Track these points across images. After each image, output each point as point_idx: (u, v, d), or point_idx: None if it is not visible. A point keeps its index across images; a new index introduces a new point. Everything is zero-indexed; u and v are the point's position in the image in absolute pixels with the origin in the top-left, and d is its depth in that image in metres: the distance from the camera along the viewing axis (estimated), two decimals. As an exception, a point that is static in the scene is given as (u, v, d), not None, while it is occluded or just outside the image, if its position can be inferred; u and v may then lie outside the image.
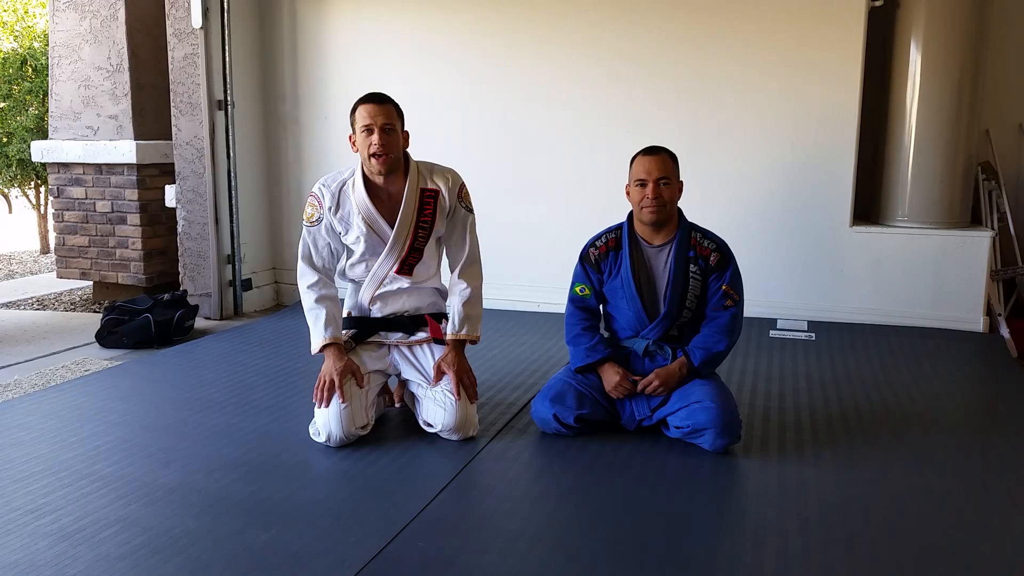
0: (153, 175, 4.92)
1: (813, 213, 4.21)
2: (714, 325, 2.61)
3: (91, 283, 5.34)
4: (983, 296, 4.03)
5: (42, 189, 7.49)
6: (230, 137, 4.55)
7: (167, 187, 4.73)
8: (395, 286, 2.76)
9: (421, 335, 2.79)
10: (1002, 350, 3.78)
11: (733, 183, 4.29)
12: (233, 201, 4.60)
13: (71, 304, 5.22)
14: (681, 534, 2.05)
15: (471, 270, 2.78)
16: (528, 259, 4.58)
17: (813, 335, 3.96)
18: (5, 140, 7.05)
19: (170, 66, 4.54)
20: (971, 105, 4.11)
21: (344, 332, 2.76)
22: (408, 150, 2.73)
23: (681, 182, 2.65)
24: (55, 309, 5.09)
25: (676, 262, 2.60)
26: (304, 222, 2.75)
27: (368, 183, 2.68)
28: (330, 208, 2.68)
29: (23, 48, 7.13)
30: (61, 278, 5.27)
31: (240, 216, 4.63)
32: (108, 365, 3.64)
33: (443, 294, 2.88)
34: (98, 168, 4.96)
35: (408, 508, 2.17)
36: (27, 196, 7.79)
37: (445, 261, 2.85)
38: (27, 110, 7.02)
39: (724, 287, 2.60)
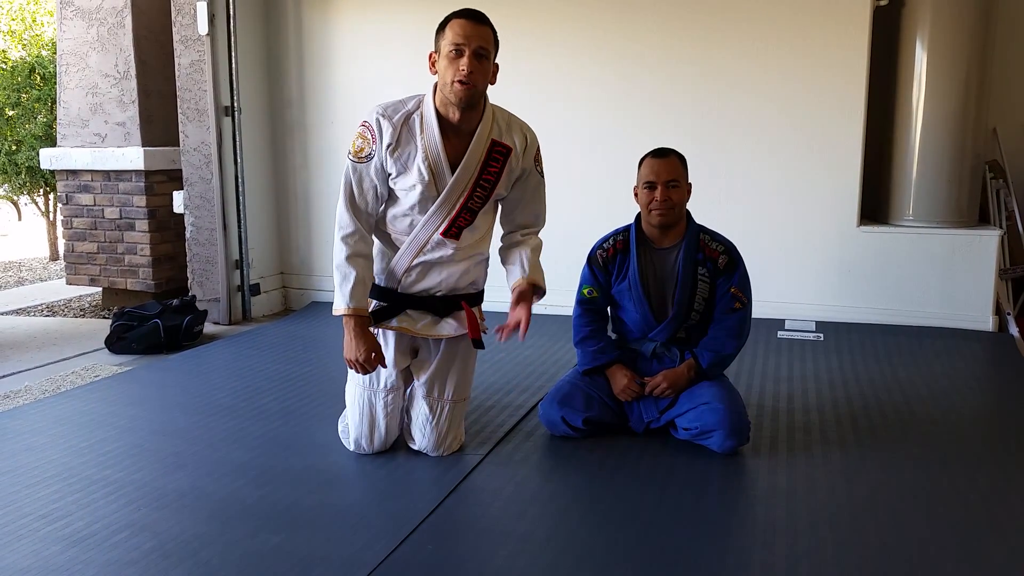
0: (161, 181, 4.94)
1: (820, 213, 4.20)
2: (722, 327, 2.61)
3: (100, 289, 5.37)
4: (992, 295, 4.01)
5: (51, 196, 7.53)
6: (237, 143, 4.57)
7: (175, 193, 4.75)
8: (438, 253, 2.38)
9: (450, 327, 2.46)
10: (1011, 349, 3.77)
11: (739, 183, 4.28)
12: (241, 206, 4.61)
13: (80, 310, 5.24)
14: (690, 535, 2.04)
15: (535, 234, 2.54)
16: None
17: (821, 336, 3.95)
18: (14, 148, 7.10)
19: (177, 73, 4.56)
20: (978, 104, 4.10)
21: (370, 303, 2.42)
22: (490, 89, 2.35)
23: (690, 184, 2.65)
24: (64, 315, 5.11)
25: (685, 264, 2.60)
26: (350, 156, 2.32)
27: (440, 119, 2.29)
28: (389, 145, 2.28)
29: (31, 56, 7.18)
30: (70, 284, 5.30)
31: (248, 221, 4.65)
32: (118, 371, 3.66)
33: (486, 268, 2.56)
34: (106, 175, 4.99)
35: (417, 511, 2.17)
36: (36, 203, 7.83)
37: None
38: (36, 118, 7.06)
39: (732, 289, 2.60)
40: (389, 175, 2.33)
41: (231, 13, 4.46)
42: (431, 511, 2.17)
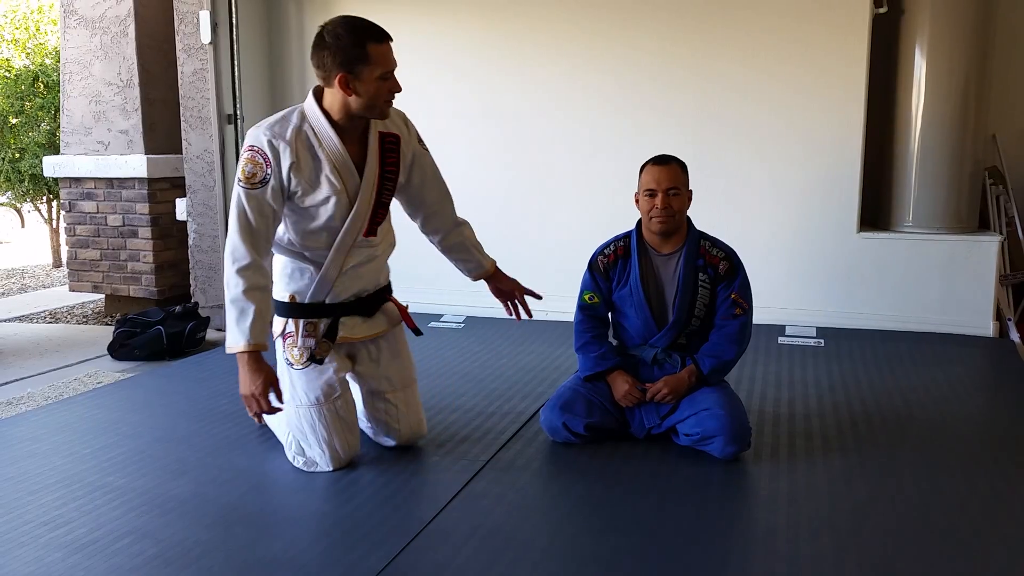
0: (164, 189, 4.97)
1: (820, 219, 4.20)
2: (723, 333, 2.61)
3: (103, 296, 5.39)
4: (992, 301, 4.01)
5: (54, 203, 7.56)
6: (240, 151, 4.58)
7: (178, 200, 4.77)
8: (363, 254, 2.41)
9: (383, 322, 2.52)
10: (1012, 355, 3.77)
11: (739, 190, 4.29)
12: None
13: (83, 317, 5.26)
14: (692, 542, 2.05)
15: (461, 220, 2.66)
16: (536, 267, 4.56)
17: (822, 341, 3.95)
18: (18, 155, 7.13)
19: (180, 81, 4.59)
20: (977, 110, 4.11)
21: (300, 323, 2.38)
22: None
23: (690, 191, 2.66)
24: (67, 322, 5.13)
25: (685, 271, 2.61)
26: (241, 183, 2.21)
27: (332, 124, 2.27)
28: (292, 163, 2.22)
29: (35, 65, 7.22)
30: (73, 291, 5.32)
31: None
32: (120, 377, 3.67)
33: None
34: (109, 182, 5.01)
35: (418, 518, 2.18)
36: (39, 211, 7.86)
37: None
38: (39, 126, 7.10)
39: (733, 295, 2.60)
40: (294, 194, 2.28)
41: (234, 22, 4.48)
42: (432, 517, 2.18)
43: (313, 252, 2.38)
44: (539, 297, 2.73)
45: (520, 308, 2.70)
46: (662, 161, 2.62)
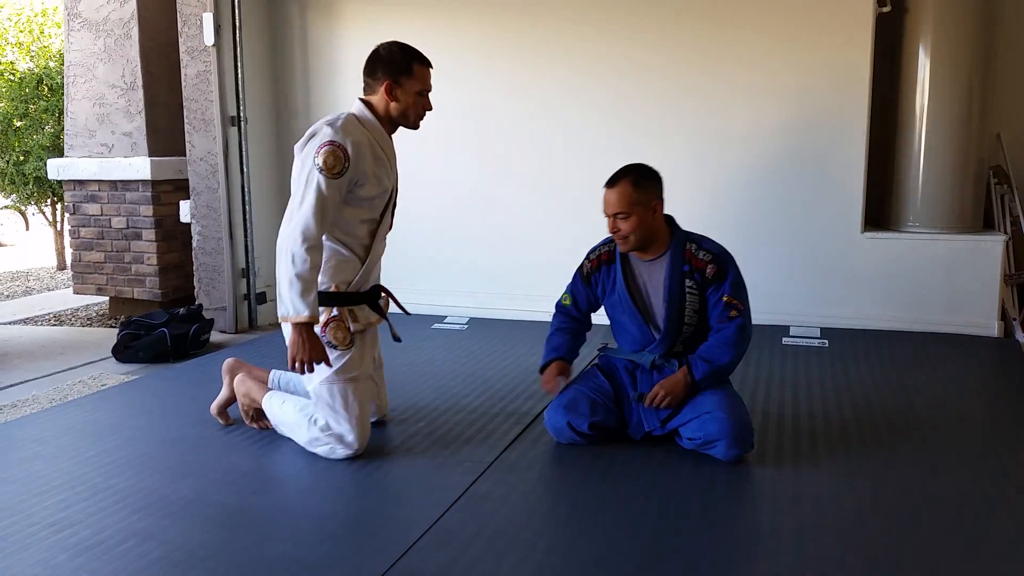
0: (167, 191, 4.97)
1: (824, 219, 4.20)
2: (719, 337, 2.55)
3: (107, 298, 5.40)
4: (997, 301, 4.00)
5: (58, 206, 7.58)
6: (243, 153, 4.60)
7: (182, 203, 4.78)
8: (383, 245, 2.73)
9: (380, 310, 2.80)
10: (1017, 355, 3.76)
11: (743, 190, 4.29)
12: (247, 216, 4.64)
13: (88, 319, 5.27)
14: (696, 543, 2.05)
15: None
16: (540, 269, 4.60)
17: (826, 342, 3.95)
18: (22, 158, 7.15)
19: (183, 83, 4.60)
20: (981, 109, 4.10)
21: (345, 310, 2.59)
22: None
23: (656, 202, 2.56)
24: (72, 324, 5.14)
25: (671, 278, 2.56)
26: (322, 172, 2.44)
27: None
28: (366, 163, 2.52)
29: (39, 68, 7.23)
30: (78, 294, 5.33)
31: (254, 230, 4.67)
32: (125, 380, 3.68)
33: None
34: (113, 185, 5.02)
35: (423, 518, 2.18)
36: (43, 213, 7.88)
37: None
38: (43, 128, 7.12)
39: (725, 298, 2.54)
40: (358, 187, 2.54)
41: (237, 24, 4.49)
42: (437, 519, 2.18)
43: (353, 241, 2.62)
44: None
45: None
46: (610, 182, 2.58)
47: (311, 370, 2.48)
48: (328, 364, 2.52)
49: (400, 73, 2.58)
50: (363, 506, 2.31)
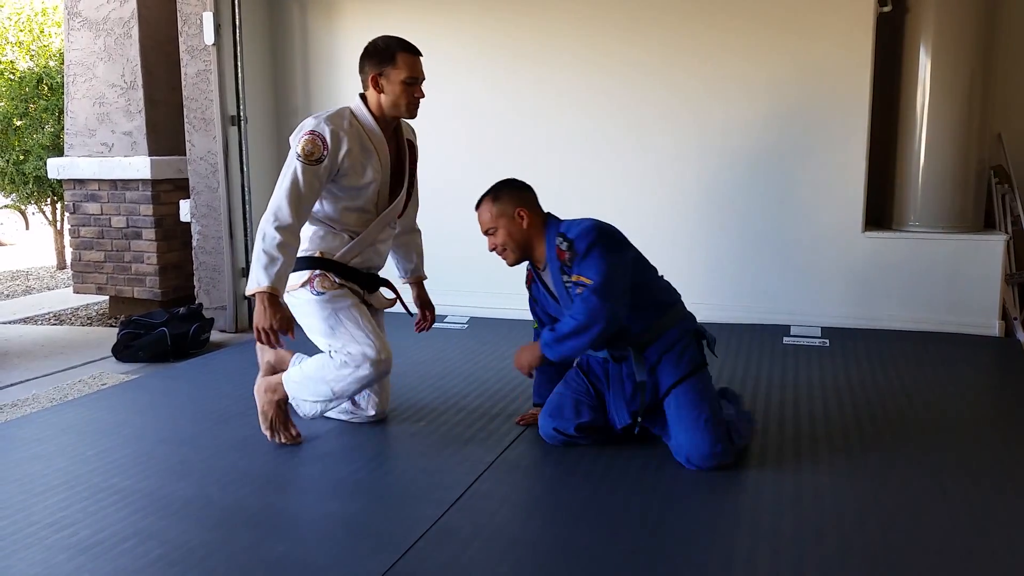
0: (167, 190, 4.97)
1: (825, 219, 4.20)
2: (570, 311, 2.46)
3: (107, 298, 5.39)
4: (998, 300, 4.00)
5: (58, 205, 7.58)
6: (243, 152, 4.59)
7: (181, 202, 4.78)
8: (387, 234, 2.82)
9: (385, 299, 2.89)
10: (1018, 354, 3.75)
11: (744, 191, 4.28)
12: (247, 215, 4.63)
13: (87, 319, 5.27)
14: (697, 543, 2.04)
15: (416, 215, 3.05)
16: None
17: (827, 341, 3.94)
18: (22, 158, 7.15)
19: (183, 82, 4.59)
20: (982, 109, 4.10)
21: (324, 274, 2.66)
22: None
23: (520, 209, 2.53)
24: (72, 324, 5.14)
25: (555, 283, 2.56)
26: (299, 158, 2.54)
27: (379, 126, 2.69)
28: (347, 152, 2.59)
29: (39, 67, 7.23)
30: (78, 293, 5.33)
31: (254, 230, 4.67)
32: (124, 379, 3.67)
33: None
34: (113, 184, 5.02)
35: (423, 518, 2.17)
36: (43, 212, 7.88)
37: None
38: (43, 128, 7.11)
39: (574, 277, 2.45)
40: (342, 176, 2.62)
41: (237, 23, 4.49)
42: (437, 518, 2.17)
43: (344, 226, 2.72)
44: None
45: (427, 322, 3.09)
46: (477, 204, 2.61)
47: (277, 341, 2.49)
48: (292, 336, 2.53)
49: (384, 63, 2.62)
50: (364, 505, 2.30)
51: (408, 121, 2.84)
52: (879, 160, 4.29)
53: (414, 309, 3.05)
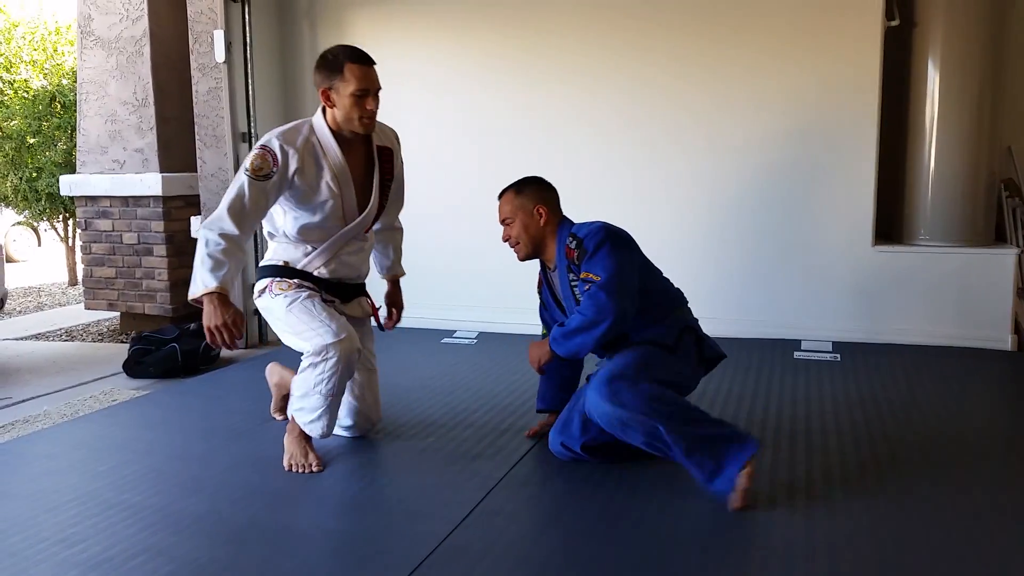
0: (178, 207, 5.00)
1: (835, 233, 4.19)
2: (579, 307, 2.45)
3: (118, 314, 5.42)
4: (1010, 314, 3.97)
5: (70, 222, 7.63)
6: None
7: (193, 218, 4.80)
8: (355, 246, 2.74)
9: (360, 308, 2.82)
10: (1032, 369, 3.73)
11: (753, 206, 4.28)
12: (257, 232, 4.65)
13: (99, 335, 5.29)
14: (710, 558, 2.03)
15: (398, 214, 2.98)
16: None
17: (838, 356, 3.92)
18: (35, 175, 7.21)
19: (194, 100, 4.63)
20: (992, 122, 4.09)
21: (283, 278, 2.64)
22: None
23: (540, 207, 2.57)
24: (83, 340, 5.16)
25: (562, 284, 2.59)
26: (247, 173, 2.50)
27: (335, 137, 2.59)
28: (297, 169, 2.53)
29: (52, 85, 7.31)
30: (89, 309, 5.35)
31: (263, 246, 4.68)
32: (135, 395, 3.69)
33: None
34: (124, 200, 5.05)
35: (433, 535, 2.16)
36: (55, 229, 7.94)
37: None
38: (56, 145, 7.18)
39: (583, 275, 2.44)
40: (296, 194, 2.56)
41: (248, 41, 4.53)
42: (446, 535, 2.16)
43: (310, 245, 2.68)
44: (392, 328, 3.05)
45: (393, 320, 3.03)
46: (500, 194, 2.65)
47: (229, 342, 2.46)
48: (240, 336, 2.51)
49: (332, 76, 2.53)
50: (373, 522, 2.30)
51: (386, 126, 2.77)
52: (889, 174, 4.28)
53: (384, 320, 3.00)
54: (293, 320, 2.59)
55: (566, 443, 2.62)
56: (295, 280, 2.66)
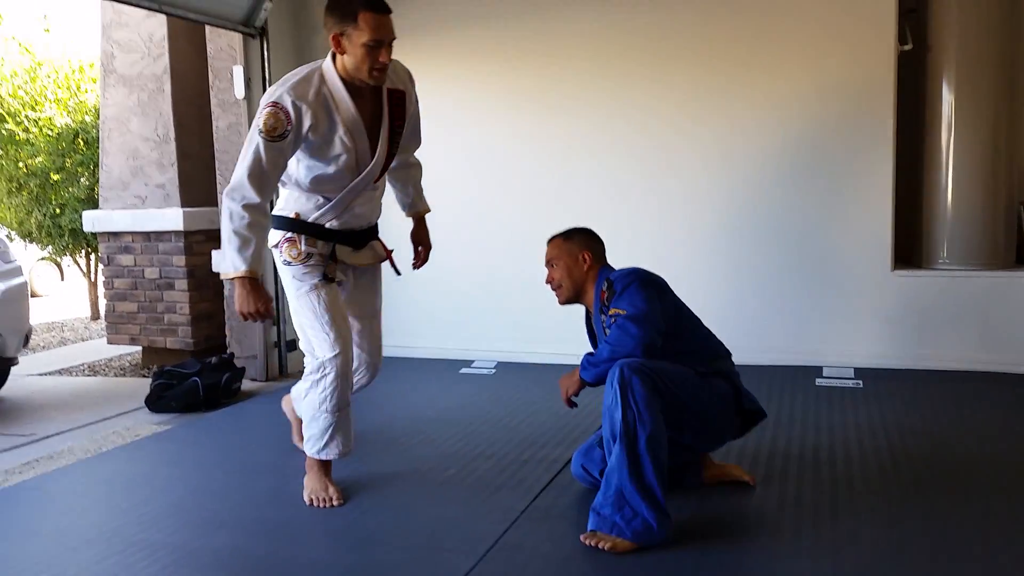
0: (200, 241, 5.06)
1: (854, 259, 4.16)
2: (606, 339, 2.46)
3: (140, 348, 5.47)
4: (1034, 337, 3.93)
5: (92, 257, 7.73)
6: (272, 203, 4.65)
7: (214, 252, 4.85)
8: (366, 196, 2.66)
9: (371, 255, 2.77)
10: (1059, 393, 3.67)
11: (771, 232, 4.27)
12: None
13: (121, 369, 5.34)
14: (733, 594, 2.00)
15: (416, 154, 2.90)
16: (568, 312, 4.57)
17: (860, 383, 3.88)
18: (58, 211, 7.32)
19: (215, 135, 4.70)
20: (1008, 144, 4.07)
21: (307, 241, 2.58)
22: None
23: (585, 253, 2.59)
24: (105, 375, 5.21)
25: (596, 323, 2.60)
26: (261, 134, 2.38)
27: (345, 84, 2.46)
28: (311, 126, 2.41)
29: (76, 122, 7.44)
30: (111, 344, 5.40)
31: (283, 278, 4.72)
32: (157, 430, 3.71)
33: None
34: (147, 236, 5.12)
35: (455, 569, 2.15)
36: (78, 264, 8.04)
37: None
38: (79, 181, 7.29)
39: (612, 311, 2.45)
40: (309, 148, 2.47)
41: (266, 77, 4.59)
42: (469, 569, 2.15)
43: (319, 192, 2.59)
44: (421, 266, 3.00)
45: (420, 259, 2.98)
46: (549, 239, 2.67)
47: (262, 321, 2.50)
48: (271, 317, 2.52)
49: (344, 22, 2.37)
50: (395, 556, 2.29)
51: (398, 64, 2.60)
52: (907, 198, 4.26)
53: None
54: (300, 311, 2.62)
55: (587, 466, 2.62)
56: (304, 249, 2.59)
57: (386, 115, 2.56)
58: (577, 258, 2.61)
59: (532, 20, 4.55)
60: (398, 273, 2.90)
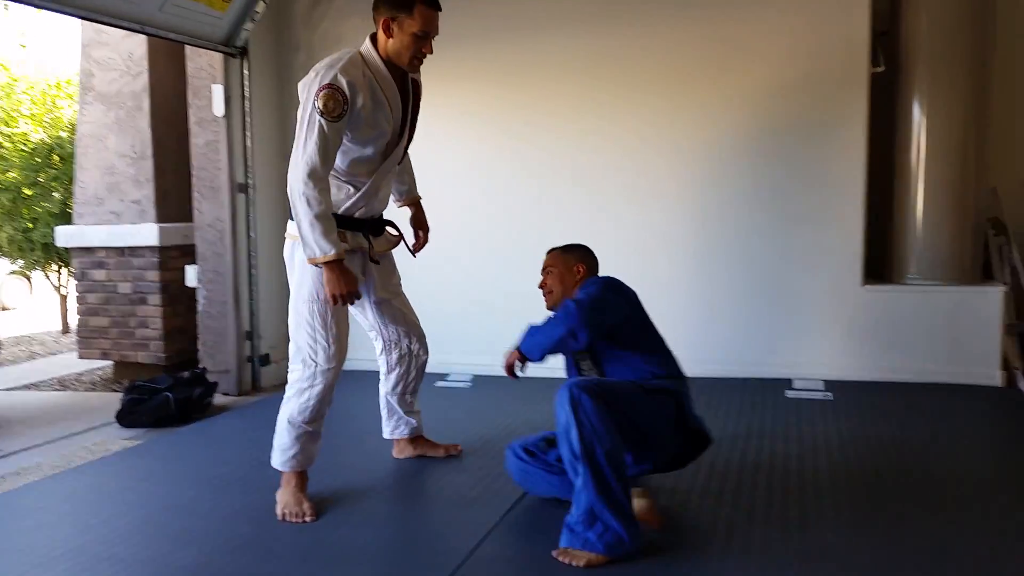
0: (174, 256, 5.03)
1: (825, 274, 4.23)
2: None
3: (111, 362, 5.41)
4: (999, 350, 4.00)
5: (63, 271, 7.66)
6: (250, 219, 4.66)
7: (188, 267, 4.83)
8: (388, 179, 2.79)
9: (388, 241, 2.88)
10: (1020, 404, 3.74)
11: (743, 247, 4.33)
12: (252, 279, 4.69)
13: (91, 384, 5.28)
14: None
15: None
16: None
17: (830, 395, 3.93)
18: (30, 225, 7.26)
19: (192, 152, 4.69)
20: (977, 164, 4.16)
21: (343, 233, 2.64)
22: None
23: (580, 266, 2.70)
24: (75, 389, 5.15)
25: None
26: (322, 116, 2.46)
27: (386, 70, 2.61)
28: (362, 106, 2.53)
29: (51, 138, 7.39)
30: (82, 358, 5.35)
31: (259, 294, 4.72)
32: (128, 445, 3.67)
33: None
34: (120, 251, 5.09)
35: (426, 583, 2.15)
36: (48, 278, 7.96)
37: None
38: (52, 196, 7.23)
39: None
40: (355, 129, 2.56)
41: (246, 95, 4.60)
42: (441, 582, 2.15)
43: (353, 177, 2.67)
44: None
45: (420, 242, 3.09)
46: (549, 250, 2.79)
47: (352, 302, 2.58)
48: (360, 297, 2.61)
49: (399, 9, 2.53)
50: (365, 571, 2.28)
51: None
52: (878, 216, 4.33)
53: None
54: (309, 316, 2.65)
55: (514, 447, 2.72)
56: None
57: (411, 100, 2.73)
58: (572, 269, 2.72)
59: (515, 41, 4.60)
60: (414, 254, 3.06)
